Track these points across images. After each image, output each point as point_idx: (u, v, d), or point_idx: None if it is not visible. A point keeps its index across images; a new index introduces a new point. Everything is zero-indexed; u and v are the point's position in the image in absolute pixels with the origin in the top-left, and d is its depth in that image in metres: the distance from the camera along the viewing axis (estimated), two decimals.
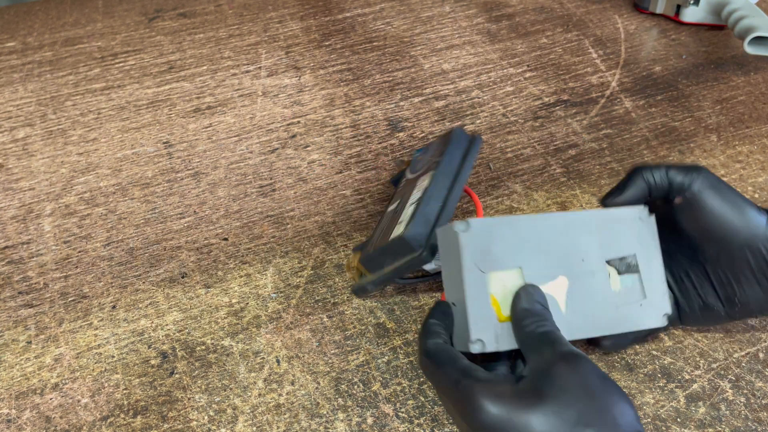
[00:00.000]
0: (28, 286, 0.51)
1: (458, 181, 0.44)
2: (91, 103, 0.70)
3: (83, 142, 0.65)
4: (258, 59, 0.76)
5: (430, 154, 0.49)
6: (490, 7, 0.84)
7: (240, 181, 0.60)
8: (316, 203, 0.57)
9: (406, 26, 0.81)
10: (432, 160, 0.47)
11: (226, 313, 0.49)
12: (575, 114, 0.66)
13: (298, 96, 0.70)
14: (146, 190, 0.59)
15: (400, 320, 0.47)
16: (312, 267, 0.52)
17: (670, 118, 0.65)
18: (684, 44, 0.76)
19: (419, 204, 0.43)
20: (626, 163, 0.60)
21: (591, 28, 0.79)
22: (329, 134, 0.65)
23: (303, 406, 0.43)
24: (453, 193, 0.43)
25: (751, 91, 0.68)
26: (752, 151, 0.61)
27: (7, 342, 0.47)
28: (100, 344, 0.47)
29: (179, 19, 0.84)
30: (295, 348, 0.46)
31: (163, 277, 0.51)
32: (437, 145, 0.50)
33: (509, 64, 0.74)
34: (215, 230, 0.55)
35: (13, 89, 0.73)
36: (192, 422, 0.42)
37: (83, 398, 0.44)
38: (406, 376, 0.44)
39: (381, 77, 0.72)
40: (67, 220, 0.57)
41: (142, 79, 0.73)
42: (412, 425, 0.41)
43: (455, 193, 0.43)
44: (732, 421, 0.41)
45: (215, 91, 0.71)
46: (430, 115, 0.66)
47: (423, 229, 0.41)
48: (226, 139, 0.64)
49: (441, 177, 0.44)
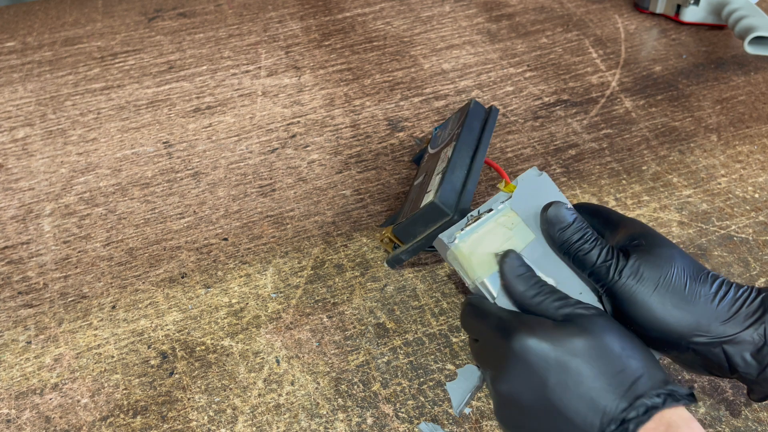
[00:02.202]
0: (27, 286, 0.51)
1: (480, 150, 0.47)
2: (91, 103, 0.70)
3: (83, 142, 0.65)
4: (258, 59, 0.76)
5: (449, 128, 0.52)
6: (490, 6, 0.84)
7: (240, 181, 0.60)
8: (316, 203, 0.57)
9: (406, 26, 0.81)
10: (452, 133, 0.50)
11: (226, 313, 0.49)
12: (575, 114, 0.66)
13: (298, 96, 0.70)
14: (146, 190, 0.59)
15: (400, 320, 0.47)
16: (312, 267, 0.52)
17: (670, 117, 0.65)
18: (684, 44, 0.76)
19: (445, 172, 0.45)
20: (626, 163, 0.60)
21: (591, 27, 0.79)
22: (329, 134, 0.65)
23: (303, 406, 0.43)
24: (476, 160, 0.46)
25: (752, 91, 0.68)
26: (752, 151, 0.61)
27: (7, 342, 0.47)
28: (100, 344, 0.47)
29: (179, 18, 0.84)
30: (295, 348, 0.46)
31: (163, 277, 0.51)
32: (455, 118, 0.52)
33: (509, 64, 0.73)
34: (215, 230, 0.55)
35: (12, 89, 0.73)
36: (192, 422, 0.42)
37: (83, 398, 0.44)
38: (406, 376, 0.44)
39: (381, 77, 0.72)
40: (67, 220, 0.57)
41: (141, 79, 0.73)
42: (412, 425, 0.41)
43: (478, 161, 0.46)
44: (732, 421, 0.41)
45: (215, 90, 0.71)
46: (430, 115, 0.66)
47: (452, 194, 0.44)
48: (225, 139, 0.64)
49: (463, 146, 0.47)
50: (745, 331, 0.34)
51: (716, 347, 0.34)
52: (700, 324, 0.34)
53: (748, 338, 0.34)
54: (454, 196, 0.43)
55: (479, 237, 0.39)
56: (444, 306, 0.48)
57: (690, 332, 0.34)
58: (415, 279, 0.50)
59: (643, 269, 0.35)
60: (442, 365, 0.45)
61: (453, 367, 0.44)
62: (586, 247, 0.37)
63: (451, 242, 0.39)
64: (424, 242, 0.45)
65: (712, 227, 0.53)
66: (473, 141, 0.48)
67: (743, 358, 0.34)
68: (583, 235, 0.38)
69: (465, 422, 0.41)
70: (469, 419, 0.42)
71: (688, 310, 0.34)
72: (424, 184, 0.48)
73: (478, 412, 0.42)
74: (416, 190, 0.50)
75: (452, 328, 0.47)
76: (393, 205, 0.57)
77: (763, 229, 0.53)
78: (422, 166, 0.54)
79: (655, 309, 0.35)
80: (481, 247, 0.39)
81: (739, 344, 0.34)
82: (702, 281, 0.35)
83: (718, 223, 0.54)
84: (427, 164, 0.52)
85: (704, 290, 0.35)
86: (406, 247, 0.47)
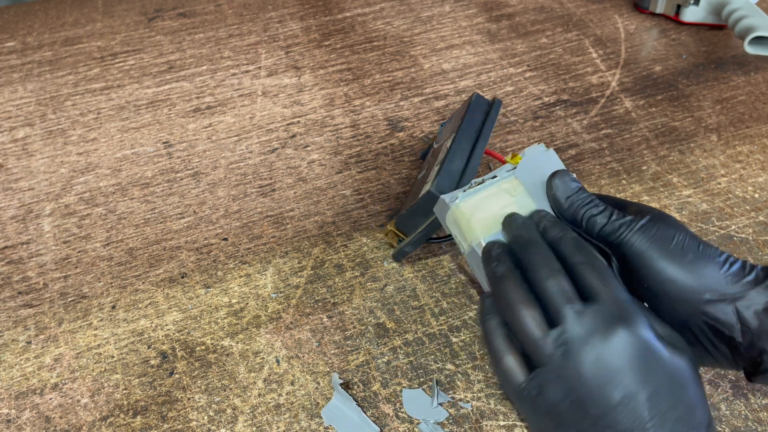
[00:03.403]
0: (27, 286, 0.51)
1: (480, 140, 0.47)
2: (91, 103, 0.70)
3: (83, 142, 0.65)
4: (258, 59, 0.76)
5: (453, 122, 0.52)
6: (490, 6, 0.84)
7: (240, 181, 0.60)
8: (315, 203, 0.57)
9: (406, 26, 0.81)
10: (454, 125, 0.50)
11: (226, 313, 0.49)
12: (575, 114, 0.66)
13: (297, 96, 0.70)
14: (146, 190, 0.59)
15: (400, 320, 0.47)
16: (312, 267, 0.52)
17: (670, 117, 0.65)
18: (684, 44, 0.76)
19: (443, 162, 0.45)
20: (626, 163, 0.60)
21: (591, 27, 0.79)
22: (329, 134, 0.65)
23: (303, 406, 0.43)
24: (476, 150, 0.46)
25: (752, 91, 0.68)
26: (752, 151, 0.61)
27: (7, 342, 0.47)
28: (100, 344, 0.47)
29: (179, 18, 0.84)
30: (295, 348, 0.46)
31: (163, 277, 0.51)
32: (458, 112, 0.53)
33: (509, 64, 0.73)
34: (215, 230, 0.55)
35: (12, 89, 0.73)
36: (192, 422, 0.42)
37: (83, 398, 0.44)
38: (406, 376, 0.44)
39: (381, 77, 0.72)
40: (67, 220, 0.57)
41: (141, 78, 0.73)
42: (412, 425, 0.41)
43: (478, 150, 0.46)
44: (732, 421, 0.41)
45: (215, 90, 0.71)
46: (430, 115, 0.66)
47: (449, 182, 0.44)
48: (225, 139, 0.64)
49: (463, 136, 0.47)
50: (756, 288, 0.34)
51: (728, 304, 0.34)
52: (710, 284, 0.34)
53: (759, 294, 0.34)
54: (451, 184, 0.44)
55: (481, 199, 0.39)
56: (444, 306, 0.48)
57: (703, 290, 0.34)
58: (415, 279, 0.50)
59: (658, 227, 0.35)
60: (442, 365, 0.45)
61: (453, 367, 0.44)
62: (595, 210, 0.37)
63: (453, 201, 0.39)
64: (426, 232, 0.46)
65: (712, 227, 0.53)
66: (474, 132, 0.48)
67: (756, 315, 0.34)
68: (591, 200, 0.38)
69: (465, 422, 0.41)
70: (469, 419, 0.42)
71: (701, 270, 0.34)
72: (424, 176, 0.49)
73: (478, 412, 0.42)
74: (418, 183, 0.50)
75: (452, 328, 0.47)
76: (393, 205, 0.57)
77: (763, 229, 0.53)
78: (427, 160, 0.54)
79: (668, 266, 0.34)
80: (482, 210, 0.39)
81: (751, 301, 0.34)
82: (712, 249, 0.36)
83: (718, 223, 0.54)
84: (430, 158, 0.52)
85: (715, 255, 0.35)
86: (410, 239, 0.47)
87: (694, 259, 0.35)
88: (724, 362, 0.36)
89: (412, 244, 0.48)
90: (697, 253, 0.35)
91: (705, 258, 0.35)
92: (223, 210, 0.57)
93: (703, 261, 0.35)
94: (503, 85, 0.70)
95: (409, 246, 0.48)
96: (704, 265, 0.35)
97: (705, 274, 0.34)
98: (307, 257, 0.52)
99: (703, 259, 0.35)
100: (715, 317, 0.34)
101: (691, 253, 0.35)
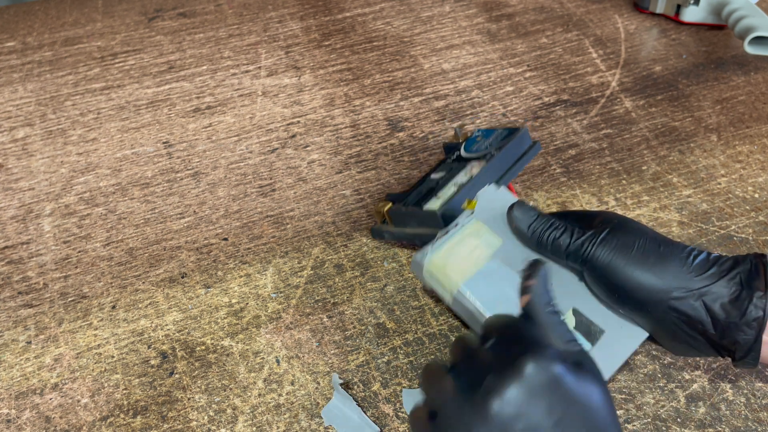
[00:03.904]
0: (27, 286, 0.51)
1: (504, 180, 0.46)
2: (91, 103, 0.70)
3: (83, 142, 0.65)
4: (258, 59, 0.76)
5: (490, 141, 0.51)
6: (490, 6, 0.84)
7: (240, 181, 0.60)
8: (315, 203, 0.57)
9: (406, 26, 0.81)
10: (489, 151, 0.49)
11: (226, 313, 0.49)
12: (575, 114, 0.66)
13: (297, 96, 0.70)
14: (146, 190, 0.59)
15: (400, 320, 0.47)
16: (312, 267, 0.52)
17: (670, 117, 0.65)
18: (684, 44, 0.76)
19: (460, 189, 0.45)
20: (626, 163, 0.60)
21: (591, 28, 0.79)
22: (329, 134, 0.65)
23: (303, 406, 0.43)
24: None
25: (752, 91, 0.68)
26: (752, 151, 0.61)
27: (7, 342, 0.47)
28: (100, 344, 0.47)
29: (179, 18, 0.84)
30: (295, 348, 0.46)
31: (163, 277, 0.51)
32: (499, 135, 0.50)
33: (509, 64, 0.73)
34: (215, 230, 0.55)
35: (12, 89, 0.73)
36: (192, 422, 0.42)
37: (83, 398, 0.44)
38: (406, 376, 0.44)
39: (381, 77, 0.72)
40: (67, 220, 0.57)
41: (141, 78, 0.73)
42: None
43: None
44: (732, 421, 0.41)
45: (215, 90, 0.71)
46: (430, 115, 0.66)
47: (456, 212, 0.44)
48: (225, 139, 0.64)
49: (490, 171, 0.46)
50: (720, 281, 0.35)
51: (696, 300, 0.35)
52: (677, 280, 0.35)
53: (724, 287, 0.35)
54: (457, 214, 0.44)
55: (450, 248, 0.41)
56: (444, 306, 0.48)
57: (669, 289, 0.35)
58: (415, 279, 0.50)
59: (618, 237, 0.37)
60: None
61: None
62: (557, 232, 0.39)
63: (424, 258, 0.41)
64: (409, 237, 0.47)
65: (712, 227, 0.53)
66: (502, 170, 0.46)
67: (723, 307, 0.35)
68: (552, 223, 0.39)
69: None
70: None
71: (665, 270, 0.36)
72: (439, 185, 0.48)
73: None
74: (430, 184, 0.50)
75: (452, 328, 0.47)
76: None
77: (763, 229, 0.53)
78: (447, 162, 0.53)
79: (633, 272, 0.36)
80: (453, 257, 0.41)
81: (717, 294, 0.35)
82: (674, 246, 0.37)
83: (718, 223, 0.54)
84: (453, 165, 0.51)
85: (677, 252, 0.36)
86: (393, 231, 0.49)
87: (657, 260, 0.36)
88: (707, 352, 0.37)
89: (392, 234, 0.49)
90: (658, 254, 0.36)
91: (667, 257, 0.36)
92: (223, 210, 0.57)
93: (665, 261, 0.36)
94: (503, 85, 0.70)
95: (389, 235, 0.49)
96: (667, 264, 0.36)
97: (669, 273, 0.35)
98: (307, 257, 0.52)
99: (665, 259, 0.36)
100: (686, 313, 0.35)
101: (652, 255, 0.36)
